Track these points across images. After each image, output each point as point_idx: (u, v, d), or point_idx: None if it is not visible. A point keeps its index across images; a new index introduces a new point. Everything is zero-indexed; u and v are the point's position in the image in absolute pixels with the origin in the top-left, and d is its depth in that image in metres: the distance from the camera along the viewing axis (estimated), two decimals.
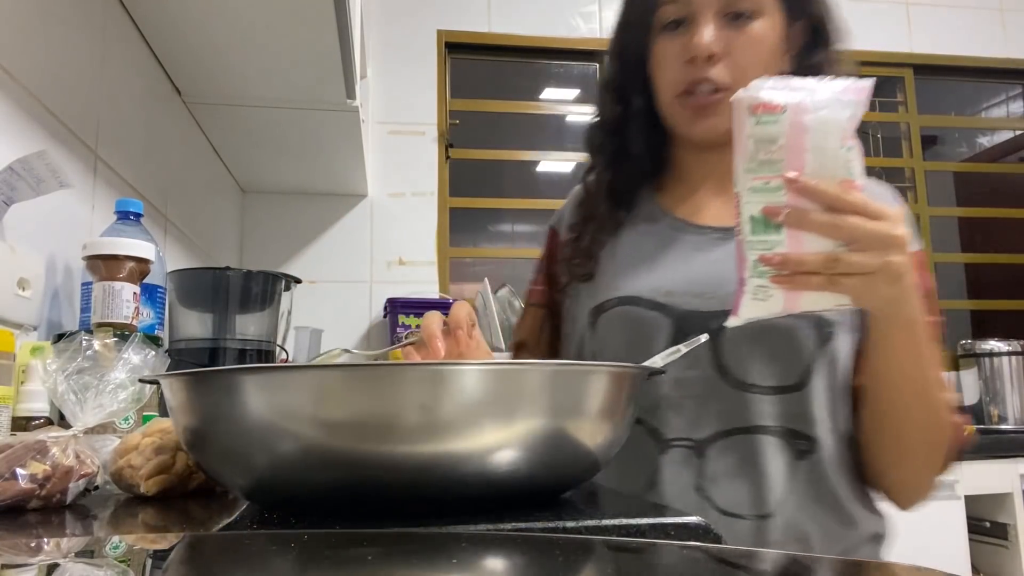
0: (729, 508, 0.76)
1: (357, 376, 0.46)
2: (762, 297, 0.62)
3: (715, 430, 0.77)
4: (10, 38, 0.93)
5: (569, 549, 0.38)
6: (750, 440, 0.76)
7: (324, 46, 1.42)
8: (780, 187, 0.60)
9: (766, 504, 0.75)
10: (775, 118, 0.60)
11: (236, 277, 1.37)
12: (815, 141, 0.60)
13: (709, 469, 0.77)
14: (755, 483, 0.76)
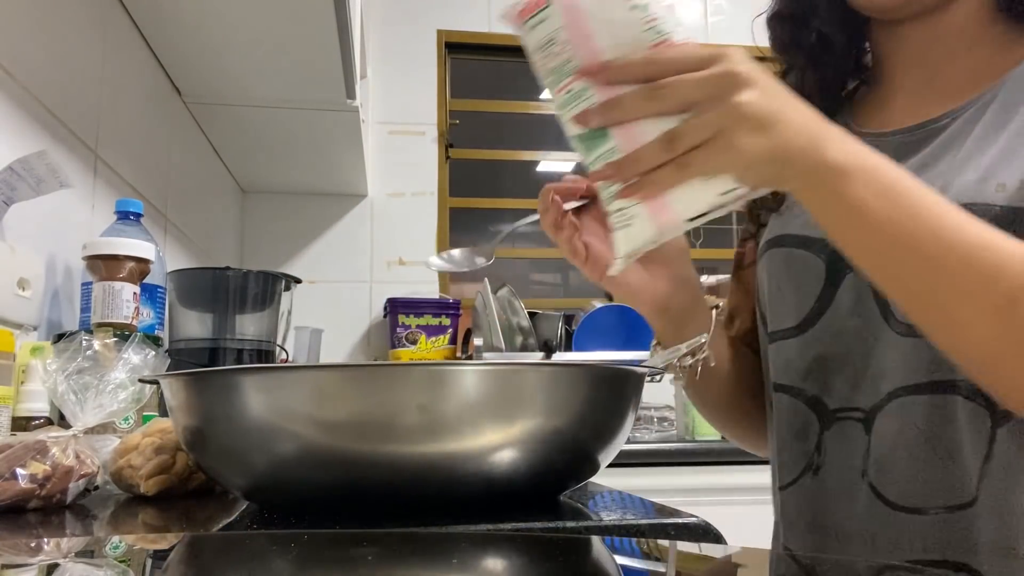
0: (903, 500, 0.58)
1: (357, 376, 0.46)
2: (625, 222, 0.51)
3: (885, 392, 0.60)
4: (10, 38, 0.93)
5: (569, 549, 0.39)
6: (930, 402, 0.57)
7: (324, 46, 1.42)
8: (585, 88, 0.49)
9: (959, 490, 0.56)
10: (542, 14, 0.50)
11: (236, 277, 1.37)
12: (597, 16, 0.49)
13: (876, 447, 0.60)
14: (940, 461, 0.57)
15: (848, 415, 0.62)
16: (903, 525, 0.58)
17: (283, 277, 1.45)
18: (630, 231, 0.51)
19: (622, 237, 0.52)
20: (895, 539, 0.59)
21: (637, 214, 0.50)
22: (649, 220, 0.50)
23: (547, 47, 0.50)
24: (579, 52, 0.49)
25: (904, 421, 0.58)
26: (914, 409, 0.58)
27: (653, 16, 0.48)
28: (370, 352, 2.39)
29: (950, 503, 0.56)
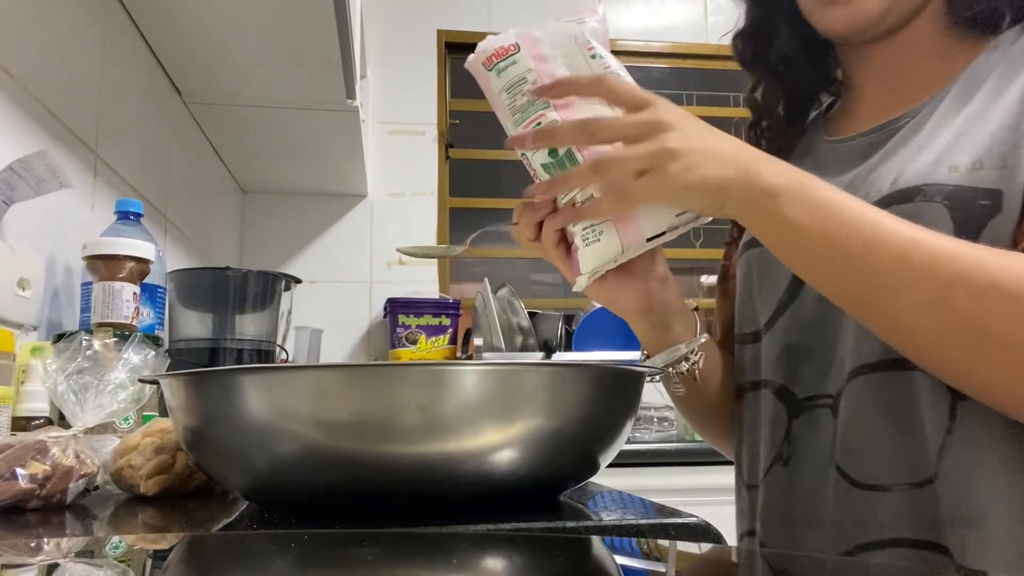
0: (868, 479, 0.59)
1: (357, 376, 0.46)
2: (594, 238, 0.56)
3: (845, 375, 0.61)
4: (10, 38, 0.93)
5: (569, 549, 0.39)
6: (889, 379, 0.59)
7: (324, 46, 1.42)
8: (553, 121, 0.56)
9: (922, 466, 0.57)
10: (512, 58, 0.57)
11: (236, 277, 1.37)
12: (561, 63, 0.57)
13: (841, 429, 0.61)
14: (902, 437, 0.58)
15: (817, 403, 0.64)
16: (869, 505, 0.59)
17: (283, 277, 1.45)
18: (598, 247, 0.56)
19: (589, 253, 0.56)
20: (861, 520, 0.59)
21: (606, 231, 0.56)
22: (616, 237, 0.56)
23: (517, 85, 0.57)
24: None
25: (864, 399, 0.60)
26: (873, 386, 0.59)
27: (608, 65, 0.56)
28: (370, 352, 2.38)
29: (913, 479, 0.57)
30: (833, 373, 0.63)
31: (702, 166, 0.52)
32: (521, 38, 0.57)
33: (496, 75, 0.58)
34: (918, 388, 0.57)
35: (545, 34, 0.57)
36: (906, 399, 0.58)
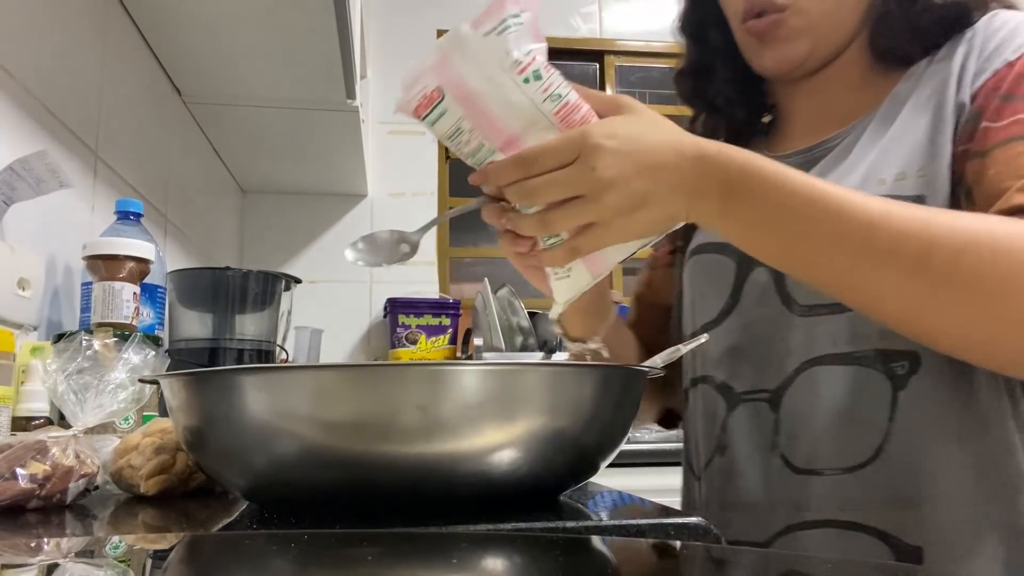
0: (807, 464, 0.64)
1: (357, 376, 0.46)
2: (564, 275, 0.57)
3: (790, 371, 0.66)
4: (10, 38, 0.93)
5: (569, 549, 0.39)
6: (832, 372, 0.63)
7: (324, 46, 1.42)
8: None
9: (856, 451, 0.62)
10: (439, 108, 0.52)
11: (236, 277, 1.37)
12: (494, 100, 0.51)
13: (785, 421, 0.66)
14: (840, 425, 0.63)
15: (754, 396, 0.69)
16: (803, 488, 0.64)
17: (283, 277, 1.45)
18: (568, 282, 0.57)
19: (562, 287, 0.57)
20: (796, 502, 0.64)
21: (574, 267, 0.56)
22: (585, 271, 0.56)
23: (455, 136, 0.53)
24: (489, 136, 0.53)
25: (809, 392, 0.65)
26: (816, 380, 0.64)
27: (547, 85, 0.51)
28: (370, 352, 2.39)
29: (846, 464, 0.62)
30: (770, 370, 0.68)
31: (644, 209, 0.52)
32: (444, 79, 0.51)
33: (431, 126, 0.54)
34: (859, 381, 0.62)
35: (467, 66, 0.50)
36: (847, 391, 0.63)
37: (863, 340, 0.62)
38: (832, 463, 0.63)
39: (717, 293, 0.73)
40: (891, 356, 0.61)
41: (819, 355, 0.64)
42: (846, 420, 0.62)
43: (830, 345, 0.64)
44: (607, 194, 0.51)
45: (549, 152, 0.51)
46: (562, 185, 0.51)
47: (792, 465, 0.65)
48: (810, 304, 0.65)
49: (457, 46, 0.50)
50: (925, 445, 0.60)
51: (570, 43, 2.65)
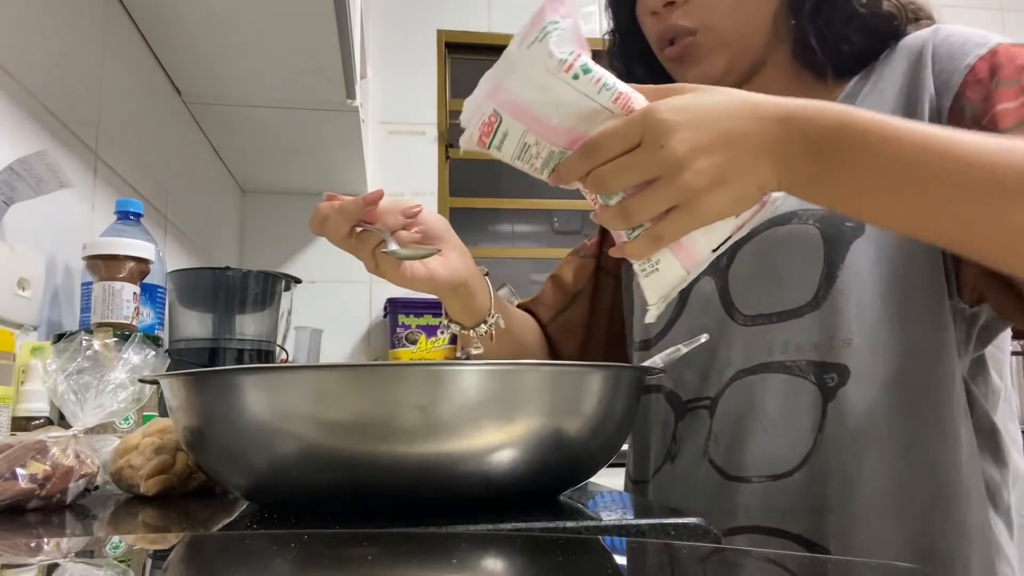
0: (734, 471, 0.65)
1: (357, 376, 0.46)
2: (652, 268, 0.53)
3: (725, 379, 0.67)
4: (10, 38, 0.93)
5: (569, 549, 0.38)
6: (758, 382, 0.64)
7: (324, 46, 1.42)
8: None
9: (783, 459, 0.62)
10: (501, 131, 0.51)
11: (236, 277, 1.37)
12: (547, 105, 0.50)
13: (717, 427, 0.67)
14: (767, 434, 0.63)
15: (697, 404, 0.69)
16: (733, 495, 0.64)
17: (283, 277, 1.45)
18: (659, 276, 0.53)
19: (652, 283, 0.53)
20: (729, 509, 0.64)
21: (663, 259, 0.52)
22: (675, 262, 0.52)
23: (525, 154, 0.52)
24: (555, 141, 0.51)
25: (740, 400, 0.65)
26: (749, 389, 0.65)
27: (598, 77, 0.49)
28: (370, 352, 2.38)
29: (773, 472, 0.62)
30: (712, 377, 0.68)
31: (726, 184, 0.49)
32: (497, 101, 0.50)
33: (498, 151, 0.52)
34: (788, 390, 0.63)
35: (516, 81, 0.49)
36: (776, 399, 0.63)
37: (797, 351, 0.63)
38: (760, 471, 0.63)
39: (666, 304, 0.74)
40: (823, 368, 0.62)
41: (755, 364, 0.65)
42: (776, 429, 0.63)
43: (765, 354, 0.64)
44: (682, 172, 0.47)
45: (611, 135, 0.49)
46: (632, 169, 0.48)
47: (724, 472, 0.65)
48: (752, 314, 0.66)
49: (506, 67, 0.50)
50: (849, 457, 0.60)
51: None
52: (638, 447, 0.78)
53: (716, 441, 0.66)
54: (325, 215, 0.64)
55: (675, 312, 0.73)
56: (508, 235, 2.77)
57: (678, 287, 0.54)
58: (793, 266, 0.64)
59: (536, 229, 2.79)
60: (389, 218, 0.65)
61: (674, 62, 0.74)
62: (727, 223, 0.51)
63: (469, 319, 0.75)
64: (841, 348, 0.61)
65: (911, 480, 0.59)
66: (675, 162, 0.47)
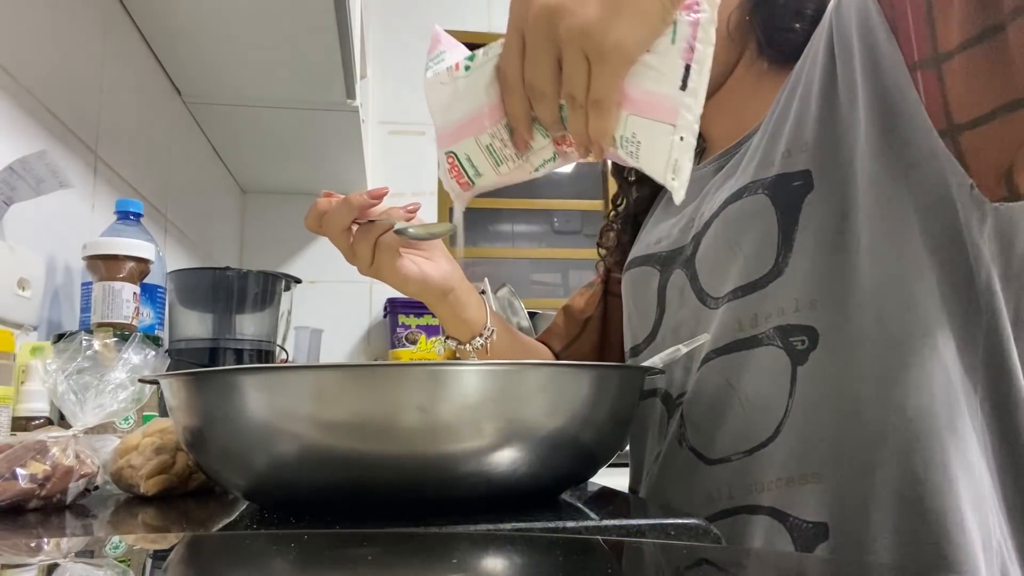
0: (714, 454, 0.63)
1: (357, 376, 0.46)
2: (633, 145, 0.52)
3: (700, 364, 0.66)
4: (10, 38, 0.93)
5: (569, 549, 0.38)
6: (734, 360, 0.62)
7: (324, 46, 1.42)
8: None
9: (756, 433, 0.60)
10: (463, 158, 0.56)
11: (236, 277, 1.37)
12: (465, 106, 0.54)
13: (689, 412, 0.66)
14: (742, 410, 0.61)
15: (684, 398, 0.68)
16: (713, 477, 0.62)
17: (283, 277, 1.45)
18: (646, 148, 0.51)
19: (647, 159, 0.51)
20: (708, 493, 0.63)
21: (632, 126, 0.51)
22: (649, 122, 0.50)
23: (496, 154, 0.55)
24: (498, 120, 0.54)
25: (711, 381, 0.64)
26: (719, 368, 0.63)
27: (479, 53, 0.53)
28: (370, 352, 2.38)
29: (748, 447, 0.61)
30: (692, 368, 0.67)
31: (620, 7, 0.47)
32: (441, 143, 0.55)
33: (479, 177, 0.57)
34: (759, 362, 0.60)
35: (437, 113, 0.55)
36: (747, 374, 0.61)
37: (765, 321, 0.60)
38: (735, 448, 0.61)
39: (647, 305, 0.74)
40: (789, 331, 0.59)
41: (727, 343, 0.63)
42: (751, 403, 0.61)
43: (736, 331, 0.62)
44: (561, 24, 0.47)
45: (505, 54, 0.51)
46: (532, 60, 0.49)
47: (702, 456, 0.64)
48: (719, 295, 0.64)
49: (432, 111, 0.55)
50: (823, 419, 0.57)
51: None
52: (635, 455, 0.77)
53: (695, 428, 0.65)
54: (323, 210, 0.65)
55: (657, 313, 0.73)
56: (508, 235, 2.77)
57: (681, 149, 0.50)
58: (751, 239, 0.62)
59: (536, 229, 2.79)
60: (392, 212, 0.66)
61: None
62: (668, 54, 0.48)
63: (463, 332, 0.76)
64: (806, 310, 0.58)
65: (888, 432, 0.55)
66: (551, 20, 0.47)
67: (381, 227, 0.65)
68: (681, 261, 0.70)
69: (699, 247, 0.68)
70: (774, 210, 0.61)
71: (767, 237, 0.61)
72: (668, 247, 0.73)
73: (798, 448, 0.58)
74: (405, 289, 0.71)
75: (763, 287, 0.61)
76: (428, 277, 0.71)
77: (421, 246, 0.72)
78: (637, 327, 0.77)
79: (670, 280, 0.71)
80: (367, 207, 0.64)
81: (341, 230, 0.65)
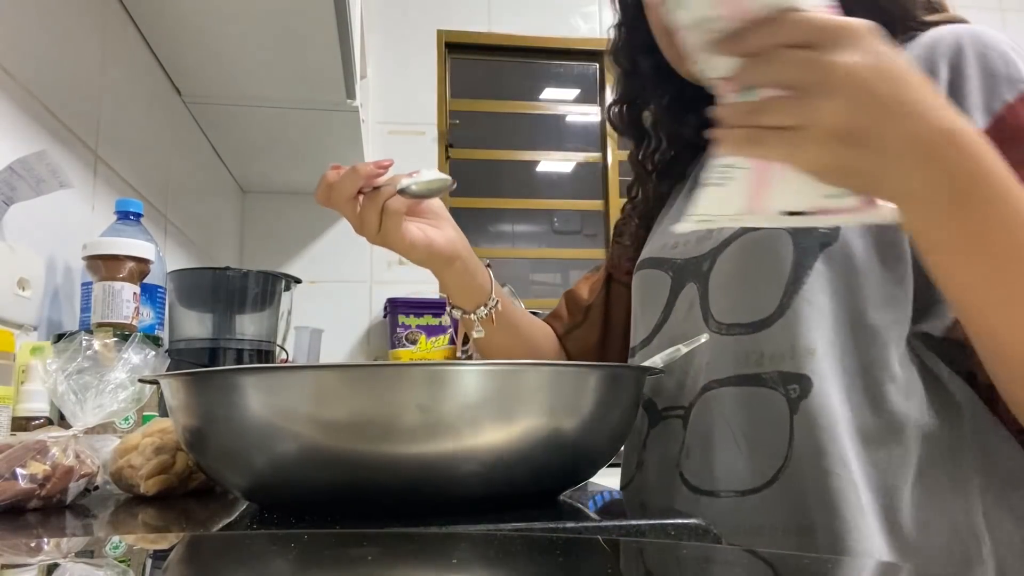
0: (700, 484, 0.62)
1: (357, 376, 0.46)
2: (722, 180, 0.47)
3: (699, 387, 0.65)
4: (10, 38, 0.93)
5: (569, 549, 0.38)
6: (731, 394, 0.62)
7: (324, 46, 1.42)
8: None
9: (751, 475, 0.60)
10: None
11: (236, 277, 1.36)
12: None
13: (689, 439, 0.65)
14: (736, 448, 0.61)
15: (671, 413, 0.68)
16: (702, 509, 0.61)
17: (283, 277, 1.45)
18: (719, 192, 0.47)
19: (710, 195, 0.47)
20: None
21: (737, 179, 0.46)
22: (744, 191, 0.46)
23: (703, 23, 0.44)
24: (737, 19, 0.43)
25: (711, 412, 0.63)
26: (721, 401, 0.62)
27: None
28: (370, 352, 2.38)
29: (741, 488, 0.60)
30: (688, 385, 0.66)
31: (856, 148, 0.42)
32: None
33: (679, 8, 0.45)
34: (760, 403, 0.60)
35: None
36: (746, 412, 0.61)
37: (770, 361, 0.60)
38: (728, 485, 0.61)
39: (653, 309, 0.73)
40: (788, 378, 0.59)
41: (728, 375, 0.62)
42: (746, 442, 0.60)
43: (741, 365, 0.61)
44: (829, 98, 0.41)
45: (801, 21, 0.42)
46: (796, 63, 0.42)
47: (693, 486, 0.63)
48: (727, 323, 0.63)
49: None
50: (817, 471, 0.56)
51: (570, 43, 2.65)
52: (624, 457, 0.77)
53: (687, 454, 0.64)
54: (332, 181, 0.66)
55: (660, 319, 0.72)
56: (508, 235, 2.77)
57: (723, 221, 0.48)
58: (763, 273, 0.61)
59: (536, 229, 2.79)
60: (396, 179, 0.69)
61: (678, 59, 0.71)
62: (814, 193, 0.45)
63: (468, 301, 0.75)
64: (804, 357, 0.58)
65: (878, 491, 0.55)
66: (835, 82, 0.42)
67: (387, 192, 0.66)
68: (695, 274, 0.68)
69: (714, 265, 0.66)
70: (793, 249, 0.60)
71: (778, 275, 0.60)
72: (684, 255, 0.71)
73: (795, 499, 0.57)
74: (411, 255, 0.71)
75: (768, 326, 0.61)
76: (434, 243, 0.71)
77: (427, 214, 0.72)
78: (639, 328, 0.76)
79: (682, 291, 0.70)
80: (374, 176, 0.66)
81: (348, 198, 0.66)
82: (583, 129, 2.78)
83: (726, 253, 0.65)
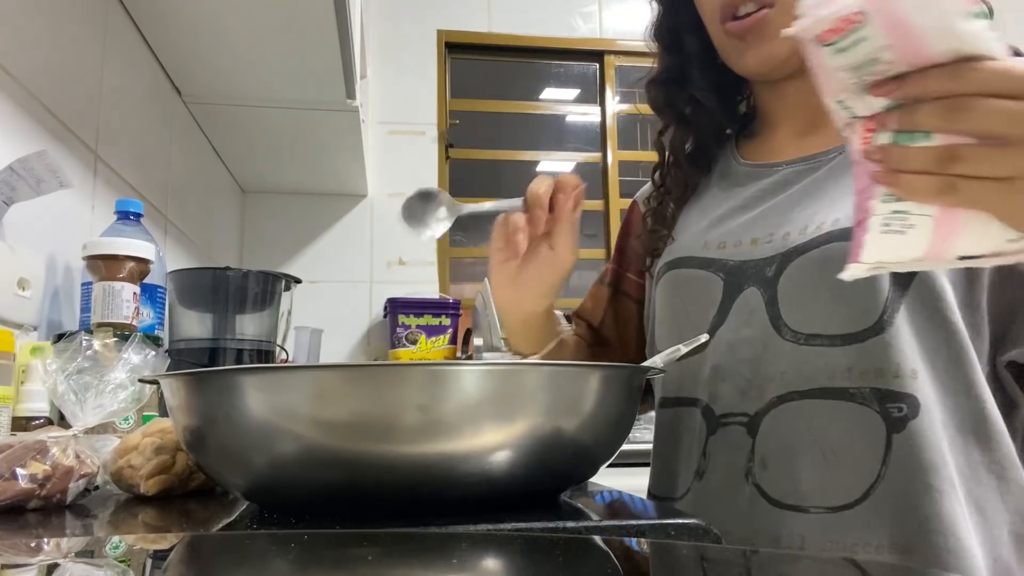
0: (786, 499, 0.61)
1: (357, 376, 0.46)
2: (899, 228, 0.44)
3: (771, 397, 0.63)
4: (10, 38, 0.93)
5: (569, 549, 0.38)
6: (815, 407, 0.61)
7: (324, 46, 1.42)
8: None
9: (843, 491, 0.59)
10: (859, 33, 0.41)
11: (236, 277, 1.36)
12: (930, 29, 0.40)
13: (761, 448, 0.63)
14: (826, 463, 0.60)
15: (732, 420, 0.66)
16: (784, 522, 0.61)
17: (283, 277, 1.45)
18: (897, 240, 0.44)
19: (883, 243, 0.44)
20: (776, 537, 0.62)
21: (918, 225, 0.43)
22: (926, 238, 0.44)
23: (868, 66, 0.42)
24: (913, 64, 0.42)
25: (792, 424, 0.62)
26: (804, 413, 0.62)
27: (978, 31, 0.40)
28: (370, 352, 2.38)
29: (832, 503, 0.59)
30: (752, 393, 0.65)
31: None
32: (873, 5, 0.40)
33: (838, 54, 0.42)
34: (850, 418, 0.60)
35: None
36: (836, 427, 0.60)
37: (860, 377, 0.60)
38: (818, 501, 0.60)
39: (701, 310, 0.70)
40: (888, 396, 0.59)
41: (811, 387, 0.62)
42: (837, 458, 0.60)
43: (825, 378, 0.61)
44: None
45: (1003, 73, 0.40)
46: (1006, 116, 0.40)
47: (772, 499, 0.62)
48: (804, 332, 0.62)
49: None
50: (916, 491, 0.57)
51: (570, 43, 2.65)
52: (663, 462, 0.74)
53: (763, 464, 0.63)
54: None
55: (714, 321, 0.69)
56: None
57: (896, 267, 0.46)
58: (855, 287, 0.56)
59: None
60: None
61: (735, 38, 0.70)
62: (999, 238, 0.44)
63: (533, 344, 0.78)
64: (908, 379, 0.58)
65: (978, 516, 0.57)
66: None
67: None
68: (756, 279, 0.66)
69: (784, 272, 0.64)
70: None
71: (874, 291, 0.59)
72: (736, 256, 0.69)
73: (887, 515, 0.58)
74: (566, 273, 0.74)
75: (861, 341, 0.60)
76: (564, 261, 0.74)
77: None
78: (684, 330, 0.71)
79: (741, 295, 0.67)
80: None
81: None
82: (583, 129, 2.78)
83: (800, 262, 0.63)
